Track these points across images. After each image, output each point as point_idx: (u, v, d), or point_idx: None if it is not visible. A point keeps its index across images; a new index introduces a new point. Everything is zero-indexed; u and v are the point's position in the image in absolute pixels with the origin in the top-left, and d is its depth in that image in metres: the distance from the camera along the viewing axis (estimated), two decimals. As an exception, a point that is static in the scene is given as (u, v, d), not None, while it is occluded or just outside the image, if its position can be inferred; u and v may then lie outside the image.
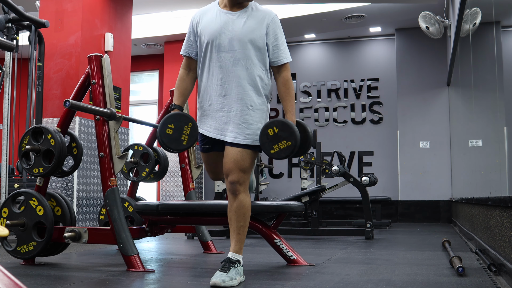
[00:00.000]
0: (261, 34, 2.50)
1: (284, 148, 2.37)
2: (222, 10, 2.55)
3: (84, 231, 2.99)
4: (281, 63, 2.54)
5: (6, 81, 4.42)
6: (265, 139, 2.39)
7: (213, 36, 2.50)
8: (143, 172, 3.90)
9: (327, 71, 9.09)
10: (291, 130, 2.37)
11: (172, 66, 8.62)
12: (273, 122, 2.40)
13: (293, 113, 2.51)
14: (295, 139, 2.36)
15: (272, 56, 2.54)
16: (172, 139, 2.41)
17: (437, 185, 8.01)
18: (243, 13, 2.52)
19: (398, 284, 2.37)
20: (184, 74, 2.64)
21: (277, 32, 2.54)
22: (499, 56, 3.99)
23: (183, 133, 2.41)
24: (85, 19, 5.35)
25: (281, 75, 2.55)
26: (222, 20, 2.51)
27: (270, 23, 2.52)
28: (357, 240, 4.98)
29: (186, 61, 2.66)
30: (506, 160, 3.73)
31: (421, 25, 6.73)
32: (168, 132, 2.40)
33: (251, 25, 2.49)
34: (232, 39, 2.48)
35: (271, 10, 2.60)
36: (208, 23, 2.54)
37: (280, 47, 2.54)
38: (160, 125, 2.42)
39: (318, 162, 6.21)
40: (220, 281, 2.27)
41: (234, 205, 2.45)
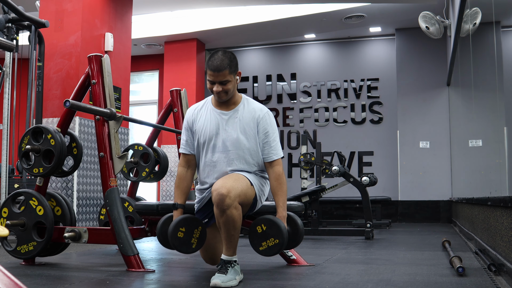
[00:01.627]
0: (253, 133, 2.56)
1: (272, 245, 2.42)
2: (215, 110, 2.60)
3: (84, 231, 2.99)
4: (271, 160, 2.58)
5: (6, 81, 4.42)
6: (254, 236, 2.45)
7: (208, 137, 2.57)
8: (143, 172, 3.90)
9: (327, 71, 9.09)
10: (278, 227, 2.41)
11: (172, 66, 8.62)
12: (260, 220, 2.45)
13: (284, 208, 2.53)
14: (282, 237, 2.41)
15: (263, 153, 2.59)
16: (182, 242, 2.48)
17: (437, 185, 8.01)
18: (235, 112, 2.57)
19: (398, 284, 2.37)
20: (183, 172, 2.66)
21: (268, 129, 2.58)
22: (499, 56, 3.99)
23: (193, 236, 2.50)
24: (85, 19, 5.36)
25: (273, 170, 2.58)
26: (216, 120, 2.57)
27: (260, 121, 2.57)
28: (357, 240, 4.98)
29: (184, 158, 2.68)
30: (506, 160, 3.73)
31: (421, 25, 6.73)
32: (179, 235, 2.47)
33: (242, 125, 2.55)
34: (225, 141, 2.54)
35: (263, 106, 2.64)
36: (203, 123, 2.59)
37: (270, 144, 2.58)
38: (172, 228, 2.47)
39: (318, 162, 6.21)
40: (220, 282, 2.28)
41: (221, 220, 2.34)
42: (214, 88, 2.50)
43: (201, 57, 8.82)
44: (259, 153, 2.58)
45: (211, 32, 8.32)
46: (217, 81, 2.48)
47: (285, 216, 2.51)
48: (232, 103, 2.59)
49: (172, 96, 4.01)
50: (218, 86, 2.49)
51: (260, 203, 2.65)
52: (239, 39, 8.84)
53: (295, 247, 2.68)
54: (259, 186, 2.59)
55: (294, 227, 2.59)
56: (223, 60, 2.47)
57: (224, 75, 2.47)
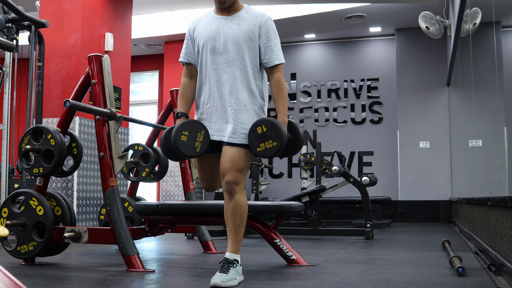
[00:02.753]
0: (254, 36, 2.54)
1: (270, 147, 2.40)
2: (217, 16, 2.61)
3: (84, 231, 2.99)
4: (272, 64, 2.57)
5: (6, 81, 4.42)
6: (253, 137, 2.42)
7: (208, 39, 2.56)
8: (143, 172, 3.90)
9: (327, 71, 9.09)
10: (278, 130, 2.39)
11: (172, 66, 8.62)
12: (262, 121, 2.43)
13: (284, 113, 2.52)
14: (281, 140, 2.39)
15: (264, 58, 2.57)
16: (186, 145, 2.45)
17: (437, 185, 8.01)
18: (237, 16, 2.58)
19: (398, 284, 2.37)
20: (186, 82, 2.67)
21: (270, 33, 2.57)
22: (499, 56, 3.99)
23: (197, 140, 2.46)
24: (85, 19, 5.35)
25: (274, 76, 2.57)
26: (216, 24, 2.57)
27: (263, 24, 2.56)
28: (357, 240, 4.98)
29: (187, 68, 2.69)
30: (506, 160, 3.73)
31: (421, 25, 6.73)
32: (182, 138, 2.44)
33: (244, 27, 2.54)
34: (226, 41, 2.53)
35: (264, 12, 2.63)
36: (203, 28, 2.60)
37: (272, 49, 2.57)
38: (175, 131, 2.45)
39: (318, 162, 6.21)
40: (220, 282, 2.28)
41: (230, 205, 2.45)
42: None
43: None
44: (257, 59, 2.56)
45: (211, 32, 8.31)
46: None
47: (286, 121, 2.51)
48: (234, 9, 2.60)
49: (172, 96, 4.01)
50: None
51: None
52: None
53: (294, 154, 2.62)
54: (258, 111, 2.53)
55: (295, 134, 2.54)
56: None
57: None
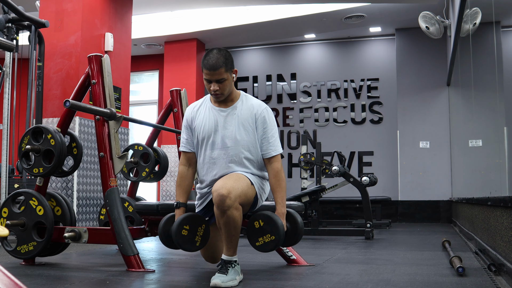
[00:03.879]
0: (251, 128, 2.56)
1: (268, 241, 2.42)
2: (214, 107, 2.60)
3: (84, 231, 2.99)
4: (270, 156, 2.58)
5: (6, 81, 4.42)
6: (251, 231, 2.45)
7: (207, 134, 2.57)
8: (143, 172, 3.90)
9: (327, 71, 9.09)
10: (275, 224, 2.41)
11: (172, 66, 8.62)
12: (259, 215, 2.45)
13: (283, 205, 2.53)
14: (278, 234, 2.40)
15: (261, 149, 2.59)
16: (186, 240, 2.47)
17: (437, 185, 8.01)
18: (234, 109, 2.58)
19: (398, 284, 2.37)
20: (184, 171, 2.67)
21: (266, 125, 2.58)
22: (499, 56, 3.99)
23: (197, 234, 2.50)
24: (85, 19, 5.35)
25: (271, 166, 2.58)
26: (215, 117, 2.58)
27: (259, 116, 2.57)
28: (357, 240, 4.98)
29: (185, 156, 2.68)
30: (506, 160, 3.73)
31: (421, 25, 6.73)
32: (183, 233, 2.46)
33: (241, 122, 2.55)
34: (224, 137, 2.55)
35: (261, 102, 2.64)
36: (202, 120, 2.60)
37: (269, 140, 2.58)
38: (176, 226, 2.46)
39: (318, 162, 6.21)
40: (220, 282, 2.28)
41: (222, 221, 2.34)
42: (211, 87, 2.50)
43: (201, 57, 8.80)
44: (258, 150, 2.58)
45: (211, 32, 8.32)
46: (213, 79, 2.48)
47: (284, 213, 2.51)
48: (230, 100, 2.60)
49: (172, 96, 4.01)
50: (215, 84, 2.49)
51: (260, 202, 2.65)
52: (239, 39, 8.84)
53: (294, 244, 2.66)
54: (259, 185, 2.59)
55: (294, 224, 2.57)
56: (218, 58, 2.46)
57: (220, 73, 2.47)
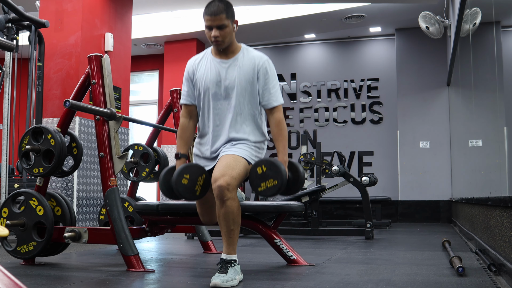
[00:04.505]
0: (253, 80, 2.58)
1: (270, 186, 2.43)
2: (215, 59, 2.62)
3: (84, 231, 2.99)
4: (271, 106, 2.60)
5: (6, 81, 4.42)
6: (254, 177, 2.46)
7: (209, 85, 2.59)
8: (143, 172, 3.90)
9: (327, 71, 9.09)
10: (278, 169, 2.42)
11: (172, 66, 8.62)
12: (262, 161, 2.48)
13: (285, 153, 2.55)
14: (281, 178, 2.42)
15: (263, 100, 2.60)
16: (187, 188, 2.49)
17: (437, 185, 8.01)
18: (235, 60, 2.60)
19: (398, 284, 2.37)
20: (185, 123, 2.70)
21: (268, 76, 2.59)
22: (499, 56, 3.99)
23: (197, 183, 2.52)
24: (85, 19, 5.36)
25: (273, 117, 2.60)
26: (217, 69, 2.60)
27: (260, 68, 2.59)
28: (357, 240, 4.98)
29: (186, 109, 2.70)
30: (506, 160, 3.73)
31: (421, 25, 6.73)
32: (183, 182, 2.48)
33: (243, 72, 2.57)
34: (227, 88, 2.57)
35: (263, 54, 2.66)
36: (204, 72, 2.62)
37: (270, 91, 2.59)
38: (177, 174, 2.49)
39: (318, 162, 6.21)
40: (220, 282, 2.28)
41: (221, 212, 2.40)
42: (212, 33, 2.52)
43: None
44: (257, 101, 2.60)
45: (211, 32, 8.31)
46: (214, 25, 2.50)
47: (286, 161, 2.54)
48: (231, 52, 2.61)
49: (172, 96, 4.01)
50: (216, 31, 2.51)
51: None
52: (239, 39, 8.69)
53: (295, 193, 2.68)
54: (256, 156, 2.59)
55: (295, 173, 2.58)
56: (219, 5, 2.50)
57: (221, 19, 2.49)
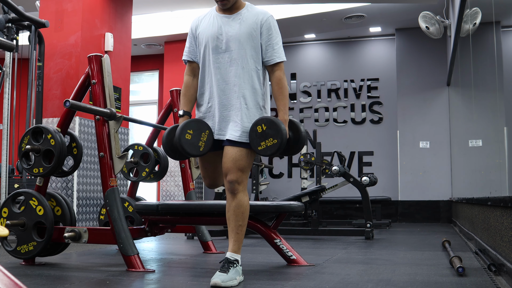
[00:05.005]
0: (256, 34, 2.55)
1: (270, 145, 2.41)
2: (219, 14, 2.62)
3: (84, 231, 2.99)
4: (273, 62, 2.58)
5: (6, 81, 4.42)
6: (254, 136, 2.44)
7: (210, 38, 2.57)
8: (143, 172, 3.90)
9: (327, 71, 9.09)
10: (278, 128, 2.41)
11: (172, 66, 8.62)
12: (262, 120, 2.45)
13: (285, 112, 2.54)
14: (281, 137, 2.41)
15: (265, 56, 2.58)
16: (190, 144, 2.47)
17: (437, 185, 8.01)
18: (238, 15, 2.59)
19: (398, 284, 2.37)
20: (189, 80, 2.69)
21: (271, 31, 2.58)
22: (499, 56, 3.99)
23: (201, 139, 2.49)
24: (85, 19, 5.35)
25: (274, 74, 2.59)
26: (219, 23, 2.59)
27: (264, 22, 2.57)
28: (357, 240, 4.98)
29: (190, 66, 2.70)
30: (506, 160, 3.73)
31: (421, 25, 6.73)
32: (187, 137, 2.46)
33: (246, 26, 2.55)
34: (228, 41, 2.55)
35: (266, 10, 2.64)
36: (206, 26, 2.62)
37: (273, 47, 2.57)
38: (180, 129, 2.47)
39: (318, 162, 6.21)
40: (220, 281, 2.28)
41: (232, 204, 2.47)
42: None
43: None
44: (260, 57, 2.58)
45: (211, 32, 8.31)
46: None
47: (286, 120, 2.53)
48: (235, 8, 2.61)
49: (172, 96, 4.01)
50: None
51: None
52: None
53: (296, 153, 2.66)
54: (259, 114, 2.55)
55: (296, 132, 2.56)
56: None
57: None
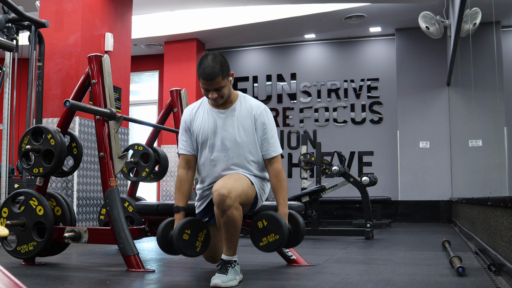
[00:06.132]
0: (251, 129, 2.54)
1: (272, 241, 2.41)
2: (212, 109, 2.58)
3: (84, 231, 2.99)
4: (270, 157, 2.57)
5: (6, 81, 4.42)
6: (255, 232, 2.44)
7: (206, 137, 2.55)
8: (143, 172, 3.90)
9: (327, 71, 9.09)
10: (279, 223, 2.40)
11: (172, 66, 8.62)
12: (262, 216, 2.44)
13: (285, 205, 2.51)
14: (283, 232, 2.39)
15: (262, 150, 2.57)
16: (187, 244, 2.45)
17: (437, 185, 8.01)
18: (232, 111, 2.56)
19: (398, 284, 2.37)
20: (183, 175, 2.61)
21: (266, 126, 2.56)
22: (499, 56, 3.99)
23: (198, 239, 2.48)
24: (85, 19, 5.35)
25: (272, 167, 2.57)
26: (214, 119, 2.56)
27: (258, 117, 2.55)
28: (357, 240, 4.98)
29: (184, 159, 2.63)
30: (506, 160, 3.73)
31: (421, 25, 6.73)
32: (184, 237, 2.44)
33: (240, 123, 2.53)
34: (224, 140, 2.53)
35: (260, 103, 2.62)
36: (200, 123, 2.58)
37: (269, 141, 2.56)
38: (178, 229, 2.43)
39: (318, 162, 6.21)
40: (220, 282, 2.28)
41: (222, 221, 2.34)
42: (210, 95, 2.48)
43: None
44: (258, 151, 2.57)
45: (211, 32, 8.33)
46: (211, 89, 2.45)
47: (286, 213, 2.51)
48: (229, 102, 2.57)
49: (172, 96, 4.01)
50: (213, 93, 2.47)
51: (260, 202, 2.65)
52: (239, 39, 8.84)
53: (296, 245, 2.65)
54: (259, 185, 2.59)
55: (295, 225, 2.55)
56: (214, 67, 2.42)
57: (218, 82, 2.43)
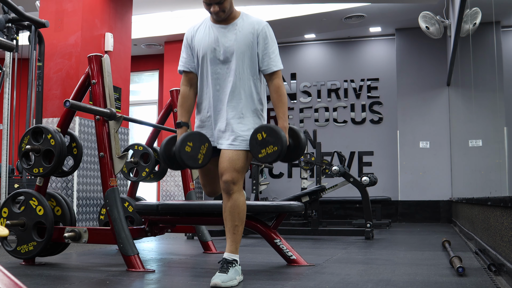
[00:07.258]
0: (252, 44, 2.56)
1: (271, 152, 2.43)
2: (214, 25, 2.61)
3: (84, 231, 2.99)
4: (271, 71, 2.59)
5: (6, 81, 4.42)
6: (254, 143, 2.46)
7: (208, 50, 2.57)
8: (143, 172, 3.90)
9: (327, 71, 9.09)
10: (278, 135, 2.42)
11: (172, 66, 8.62)
12: (262, 127, 2.47)
13: (285, 119, 2.55)
14: (281, 144, 2.42)
15: (262, 65, 2.59)
16: (190, 156, 2.48)
17: (437, 185, 8.01)
18: (234, 25, 2.59)
19: (398, 284, 2.37)
20: (186, 91, 2.68)
21: (267, 40, 2.58)
22: (499, 56, 3.99)
23: (200, 152, 2.50)
24: (85, 19, 5.35)
25: (273, 83, 2.59)
26: (215, 34, 2.58)
27: (260, 32, 2.57)
28: (357, 240, 4.98)
29: (186, 76, 2.68)
30: (506, 160, 3.73)
31: (421, 25, 6.73)
32: (187, 149, 2.47)
33: (242, 36, 2.55)
34: (225, 52, 2.55)
35: (261, 19, 2.64)
36: (202, 37, 2.61)
37: (270, 56, 2.58)
38: (180, 141, 2.48)
39: (318, 162, 6.21)
40: (220, 282, 2.28)
41: (228, 205, 2.47)
42: (212, 9, 2.51)
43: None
44: (256, 66, 2.58)
45: (211, 32, 8.31)
46: (213, 2, 2.50)
47: (286, 127, 2.54)
48: (231, 18, 2.60)
49: (172, 96, 4.01)
50: (215, 6, 2.50)
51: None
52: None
53: (295, 160, 2.67)
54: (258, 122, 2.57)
55: (296, 139, 2.56)
56: None
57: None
